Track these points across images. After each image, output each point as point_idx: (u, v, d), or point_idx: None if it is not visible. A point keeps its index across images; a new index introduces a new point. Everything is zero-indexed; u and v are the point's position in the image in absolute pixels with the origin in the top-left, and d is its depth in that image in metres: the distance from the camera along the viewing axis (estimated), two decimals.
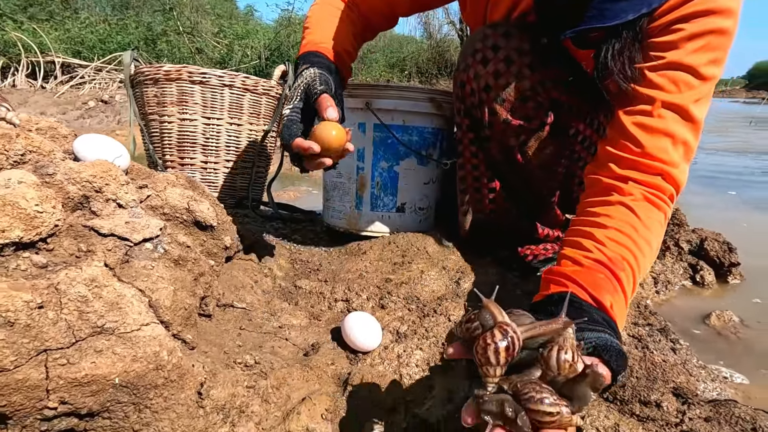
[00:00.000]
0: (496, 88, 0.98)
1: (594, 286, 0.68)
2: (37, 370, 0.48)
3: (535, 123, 1.01)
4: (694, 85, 0.78)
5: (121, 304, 0.57)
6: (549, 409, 0.43)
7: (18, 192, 0.60)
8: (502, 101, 0.99)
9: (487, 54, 0.97)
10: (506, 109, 1.00)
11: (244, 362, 0.72)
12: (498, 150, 1.07)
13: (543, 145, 1.05)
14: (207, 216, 0.86)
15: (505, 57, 0.96)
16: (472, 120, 1.07)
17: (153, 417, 0.57)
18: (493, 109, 1.00)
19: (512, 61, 0.96)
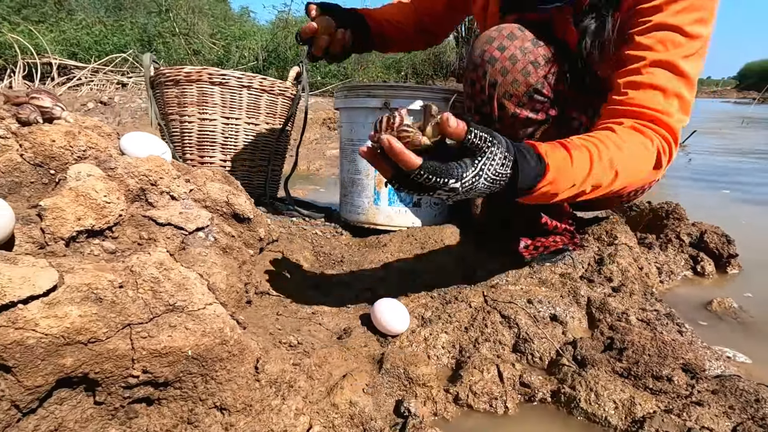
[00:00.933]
0: (504, 84, 1.07)
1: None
2: (123, 342, 0.54)
3: (541, 115, 1.10)
4: (682, 42, 0.86)
5: (187, 285, 0.62)
6: (406, 128, 0.65)
7: (88, 184, 0.65)
8: (510, 96, 1.08)
9: (494, 54, 1.07)
10: (514, 104, 1.09)
11: (289, 342, 0.78)
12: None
13: (548, 136, 1.13)
14: (245, 209, 0.92)
15: (510, 56, 1.05)
16: (482, 116, 1.15)
17: (217, 388, 0.62)
18: (502, 104, 1.09)
19: (517, 59, 1.05)
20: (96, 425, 0.56)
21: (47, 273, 0.51)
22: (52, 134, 0.70)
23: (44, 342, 0.48)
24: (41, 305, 0.48)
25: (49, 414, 0.52)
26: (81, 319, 0.50)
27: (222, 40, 7.77)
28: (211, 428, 0.62)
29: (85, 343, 0.51)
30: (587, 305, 1.03)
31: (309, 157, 3.15)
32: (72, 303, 0.51)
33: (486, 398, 0.79)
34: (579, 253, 1.21)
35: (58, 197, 0.62)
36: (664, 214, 1.57)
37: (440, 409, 0.77)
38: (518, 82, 1.06)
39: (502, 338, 0.92)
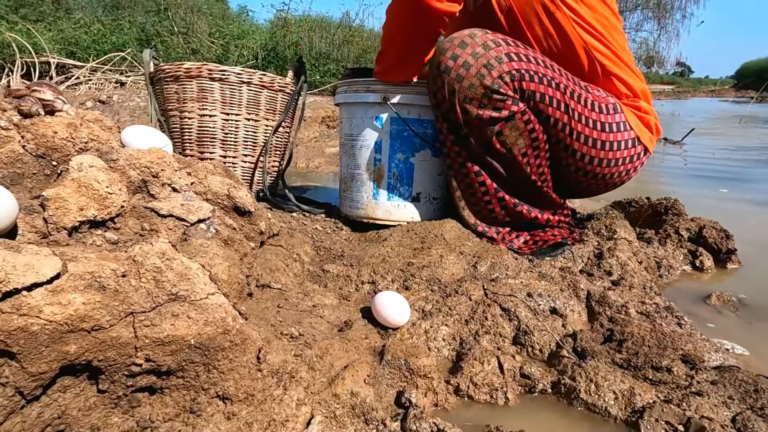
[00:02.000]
0: (462, 90, 1.14)
1: None
2: (127, 330, 0.54)
3: (504, 113, 1.14)
4: None
5: (189, 275, 0.63)
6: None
7: (91, 175, 0.65)
8: (470, 100, 1.14)
9: (449, 63, 1.14)
10: (475, 106, 1.14)
11: (290, 334, 0.78)
12: (477, 143, 1.19)
13: (519, 133, 1.17)
14: (246, 202, 0.92)
15: (463, 63, 1.13)
16: (450, 123, 1.20)
17: (220, 377, 0.62)
18: (465, 108, 1.15)
19: (470, 65, 1.12)
20: (99, 413, 0.56)
21: (51, 261, 0.51)
22: (54, 126, 0.70)
23: (48, 329, 0.48)
24: (45, 292, 0.49)
25: (52, 401, 0.52)
26: (84, 306, 0.51)
27: (221, 39, 7.77)
28: (214, 417, 0.62)
29: (88, 331, 0.51)
30: (587, 298, 1.03)
31: (308, 155, 3.15)
32: (75, 291, 0.51)
33: (487, 389, 0.79)
34: (579, 248, 1.22)
35: (61, 187, 0.62)
36: (662, 210, 1.57)
37: (441, 400, 0.77)
38: (474, 86, 1.12)
39: (502, 331, 0.92)
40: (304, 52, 7.21)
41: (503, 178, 1.22)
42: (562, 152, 1.23)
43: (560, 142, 1.21)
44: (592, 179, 1.29)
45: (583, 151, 1.22)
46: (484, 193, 1.23)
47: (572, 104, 1.17)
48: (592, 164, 1.25)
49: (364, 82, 1.32)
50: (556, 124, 1.18)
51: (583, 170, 1.26)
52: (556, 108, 1.16)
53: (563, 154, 1.23)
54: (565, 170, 1.27)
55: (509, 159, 1.19)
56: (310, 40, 7.43)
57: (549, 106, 1.16)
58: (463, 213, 1.26)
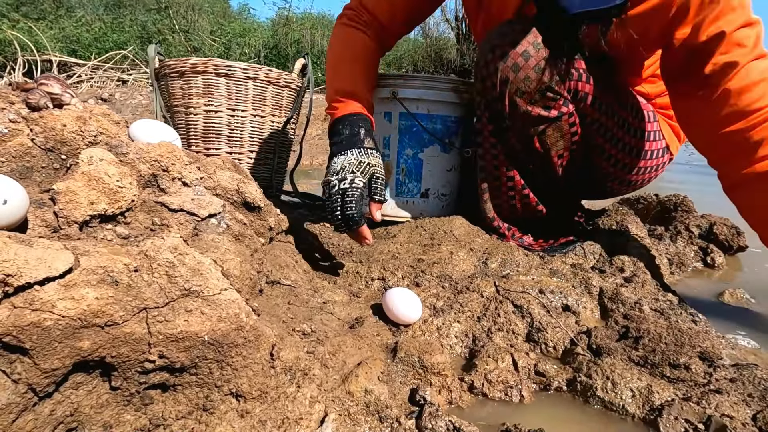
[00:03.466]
0: (516, 81, 1.04)
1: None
2: (140, 326, 0.53)
3: (553, 112, 1.07)
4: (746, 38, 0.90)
5: (202, 270, 0.61)
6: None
7: (101, 168, 0.64)
8: (522, 93, 1.05)
9: (506, 49, 1.03)
10: (525, 101, 1.06)
11: (302, 330, 0.77)
12: (517, 139, 1.13)
13: (561, 134, 1.11)
14: (255, 197, 0.91)
15: (523, 51, 1.02)
16: (493, 112, 1.12)
17: (233, 374, 0.61)
18: (514, 101, 1.06)
19: (530, 55, 1.02)
20: (111, 411, 0.55)
21: (63, 255, 0.50)
22: (63, 119, 0.69)
23: (61, 324, 0.47)
24: (58, 287, 0.47)
25: (65, 399, 0.51)
26: (98, 301, 0.49)
27: (222, 37, 7.76)
28: (227, 415, 0.61)
29: (101, 326, 0.50)
30: (599, 295, 1.02)
31: (311, 153, 3.14)
32: (88, 285, 0.50)
33: (501, 387, 0.78)
34: (590, 244, 1.20)
35: (71, 181, 0.61)
36: (672, 206, 1.56)
37: (455, 398, 0.76)
38: (530, 79, 1.03)
39: (515, 327, 0.91)
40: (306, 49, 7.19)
41: (531, 176, 1.19)
42: (598, 157, 1.19)
43: (598, 147, 1.17)
44: (618, 184, 1.26)
45: (619, 157, 1.18)
46: (511, 188, 1.19)
47: (619, 110, 1.13)
48: (624, 170, 1.21)
49: None
50: (599, 129, 1.13)
51: (614, 176, 1.23)
52: (603, 113, 1.11)
53: (598, 159, 1.19)
54: (595, 174, 1.23)
55: (544, 159, 1.15)
56: (312, 38, 7.42)
57: (598, 110, 1.11)
58: (485, 206, 1.22)
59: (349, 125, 1.04)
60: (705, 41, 0.91)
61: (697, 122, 0.99)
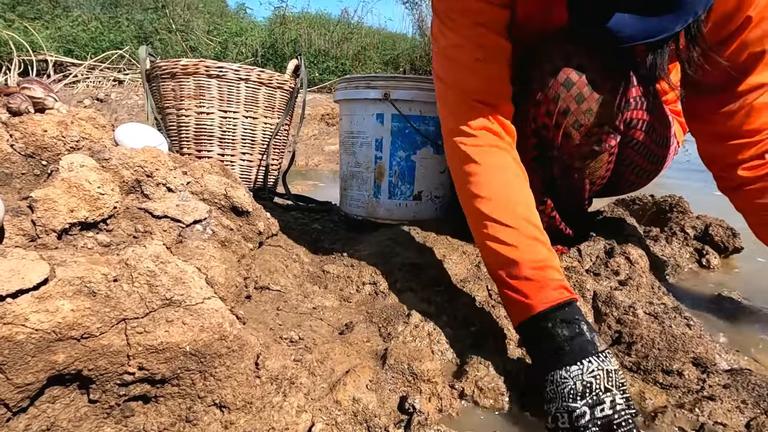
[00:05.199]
0: (576, 113, 0.93)
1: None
2: (118, 337, 0.52)
3: (605, 146, 0.99)
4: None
5: (185, 279, 0.60)
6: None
7: (81, 175, 0.63)
8: (579, 126, 0.94)
9: (571, 76, 0.91)
10: (581, 134, 0.96)
11: (290, 338, 0.76)
12: (559, 169, 1.06)
13: (599, 165, 1.04)
14: (243, 202, 0.89)
15: (590, 80, 0.90)
16: (540, 138, 1.01)
17: (216, 384, 0.60)
18: (569, 133, 0.96)
19: (597, 86, 0.90)
20: (90, 424, 0.54)
21: (38, 266, 0.49)
22: (43, 124, 0.68)
23: (34, 338, 0.45)
24: (31, 299, 0.46)
25: (41, 413, 0.50)
26: (73, 313, 0.48)
27: (219, 37, 7.74)
28: (210, 426, 0.60)
29: (77, 339, 0.49)
30: (593, 299, 1.01)
31: (308, 153, 3.12)
32: (64, 297, 0.48)
33: (492, 394, 0.77)
34: (588, 245, 1.19)
35: (50, 188, 0.60)
36: (667, 208, 1.55)
37: (445, 405, 0.75)
38: (592, 112, 0.92)
39: (507, 333, 0.90)
40: (303, 49, 7.17)
41: (558, 199, 1.13)
42: (626, 169, 1.14)
43: (632, 162, 1.12)
44: (629, 187, 1.23)
45: (646, 167, 1.14)
46: (541, 212, 1.03)
47: (656, 124, 1.07)
48: (643, 177, 1.18)
49: (365, 78, 1.29)
50: (637, 147, 1.07)
51: (631, 181, 1.19)
52: (644, 131, 1.05)
53: (626, 171, 1.14)
54: (616, 181, 1.17)
55: (578, 186, 1.08)
56: (309, 38, 7.39)
57: (640, 130, 1.04)
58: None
59: (564, 323, 0.73)
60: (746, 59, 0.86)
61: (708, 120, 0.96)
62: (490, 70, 0.89)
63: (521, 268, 0.76)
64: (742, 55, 0.86)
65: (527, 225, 0.80)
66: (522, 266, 0.76)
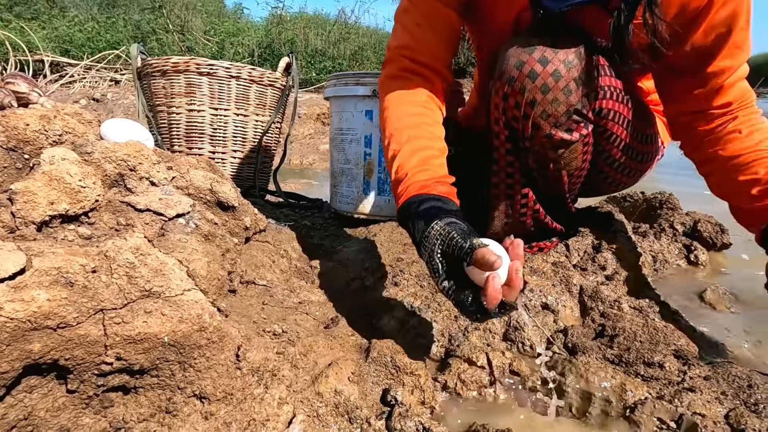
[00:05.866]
0: (543, 103, 0.95)
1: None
2: (96, 327, 0.52)
3: (575, 135, 1.01)
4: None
5: (164, 270, 0.61)
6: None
7: (62, 168, 0.63)
8: (547, 116, 0.97)
9: (535, 67, 0.93)
10: (550, 124, 0.98)
11: (273, 331, 0.76)
12: (534, 160, 1.07)
13: (575, 156, 1.06)
14: (229, 197, 0.90)
15: (554, 71, 0.93)
16: (511, 130, 1.04)
17: (196, 376, 0.60)
18: (537, 124, 0.98)
19: (561, 76, 0.93)
20: (69, 414, 0.54)
21: (14, 256, 0.49)
22: (26, 118, 0.68)
23: (9, 326, 0.46)
24: (6, 288, 0.47)
25: (17, 402, 0.50)
26: (49, 303, 0.49)
27: (216, 37, 7.74)
28: (190, 417, 0.60)
29: (54, 329, 0.49)
30: (579, 293, 1.02)
31: (302, 152, 3.13)
32: (40, 287, 0.49)
33: (475, 386, 0.78)
34: (576, 240, 1.20)
35: (30, 180, 0.60)
36: (657, 204, 1.55)
37: (428, 398, 0.75)
38: (558, 102, 0.95)
39: (492, 327, 0.90)
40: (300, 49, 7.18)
41: (540, 192, 1.13)
42: (607, 166, 1.15)
43: (610, 157, 1.13)
44: (616, 186, 1.24)
45: (628, 165, 1.15)
46: (523, 205, 1.12)
47: (633, 119, 1.08)
48: (626, 175, 1.18)
49: (354, 74, 1.29)
50: (614, 141, 1.08)
51: (614, 179, 1.20)
52: (620, 125, 1.06)
53: (607, 168, 1.16)
54: (596, 178, 1.19)
55: (556, 177, 1.09)
56: (306, 38, 7.40)
57: (617, 123, 1.05)
58: (494, 222, 1.16)
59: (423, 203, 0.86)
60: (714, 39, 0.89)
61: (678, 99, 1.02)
62: (426, 35, 1.00)
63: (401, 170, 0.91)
64: (710, 36, 0.88)
65: (408, 144, 0.94)
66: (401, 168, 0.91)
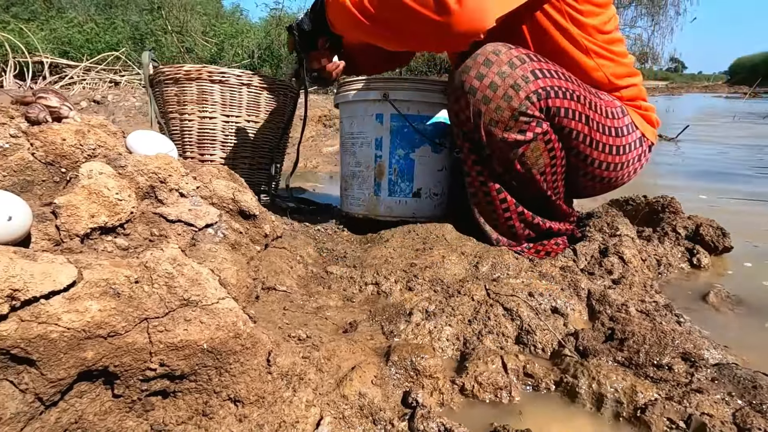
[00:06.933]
0: (488, 112, 1.08)
1: None
2: (141, 335, 0.55)
3: (529, 135, 1.10)
4: None
5: (200, 280, 0.64)
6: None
7: (101, 182, 0.66)
8: (496, 123, 1.09)
9: (474, 83, 1.08)
10: (501, 129, 1.09)
11: (298, 336, 0.79)
12: (499, 164, 1.17)
13: (539, 153, 1.15)
14: (251, 206, 0.93)
15: (490, 83, 1.06)
16: (472, 143, 1.16)
17: (231, 380, 0.63)
18: (489, 131, 1.10)
19: (497, 86, 1.06)
20: (114, 418, 0.57)
21: (66, 269, 0.52)
22: (62, 133, 0.71)
23: (67, 336, 0.49)
24: (63, 300, 0.49)
25: (69, 407, 0.53)
26: (101, 313, 0.51)
27: (215, 38, 7.75)
28: (226, 420, 0.63)
29: (105, 337, 0.52)
30: (587, 297, 1.05)
31: (306, 155, 3.15)
32: (92, 298, 0.52)
33: (491, 388, 0.81)
34: (583, 245, 1.23)
35: (72, 195, 0.63)
36: (659, 208, 1.59)
37: (447, 400, 0.79)
38: (501, 109, 1.07)
39: (505, 330, 0.93)
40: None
41: (520, 195, 1.22)
42: (576, 160, 1.22)
43: (576, 151, 1.20)
44: (599, 182, 1.29)
45: (599, 158, 1.21)
46: (505, 209, 1.21)
47: (591, 114, 1.16)
48: (605, 169, 1.24)
49: (365, 80, 1.33)
50: (577, 137, 1.16)
51: (593, 174, 1.26)
52: (577, 120, 1.14)
53: (577, 161, 1.23)
54: (575, 175, 1.26)
55: (528, 178, 1.18)
56: None
57: (572, 119, 1.14)
58: (485, 228, 1.24)
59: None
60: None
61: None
62: None
63: None
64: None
65: None
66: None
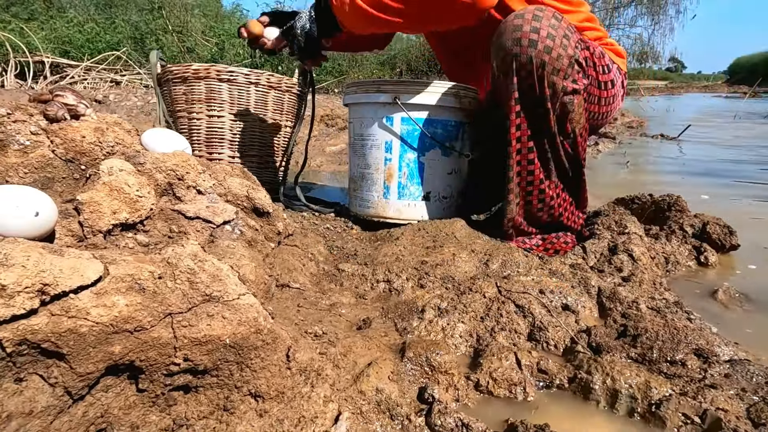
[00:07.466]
0: (551, 62, 1.12)
1: None
2: (166, 330, 0.55)
3: (580, 84, 1.18)
4: None
5: (221, 276, 0.64)
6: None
7: (121, 179, 0.67)
8: (557, 72, 1.13)
9: (532, 36, 1.11)
10: (561, 78, 1.14)
11: (314, 332, 0.80)
12: (556, 121, 1.20)
13: (581, 111, 1.22)
14: (264, 203, 0.93)
15: (547, 34, 1.11)
16: (531, 109, 1.17)
17: (252, 375, 0.64)
18: (552, 82, 1.14)
19: (554, 36, 1.11)
20: (138, 412, 0.58)
21: (93, 264, 0.52)
22: (82, 130, 0.71)
23: (95, 330, 0.49)
24: (91, 295, 0.50)
25: (96, 401, 0.53)
26: (128, 308, 0.52)
27: (215, 38, 7.75)
28: (246, 414, 0.64)
29: (131, 332, 0.52)
30: (598, 295, 1.05)
31: (310, 154, 3.15)
32: (118, 293, 0.52)
33: (506, 384, 0.81)
34: (592, 242, 1.23)
35: (94, 191, 0.63)
36: (666, 206, 1.60)
37: (462, 396, 0.79)
38: (561, 57, 1.12)
39: (517, 327, 0.94)
40: None
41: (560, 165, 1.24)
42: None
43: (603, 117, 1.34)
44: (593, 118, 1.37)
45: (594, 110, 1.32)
46: (540, 200, 1.23)
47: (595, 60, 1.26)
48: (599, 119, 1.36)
49: (375, 82, 1.33)
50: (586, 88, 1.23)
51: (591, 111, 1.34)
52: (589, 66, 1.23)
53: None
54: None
55: (573, 142, 1.23)
56: None
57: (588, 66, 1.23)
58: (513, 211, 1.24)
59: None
60: None
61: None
62: None
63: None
64: None
65: None
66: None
